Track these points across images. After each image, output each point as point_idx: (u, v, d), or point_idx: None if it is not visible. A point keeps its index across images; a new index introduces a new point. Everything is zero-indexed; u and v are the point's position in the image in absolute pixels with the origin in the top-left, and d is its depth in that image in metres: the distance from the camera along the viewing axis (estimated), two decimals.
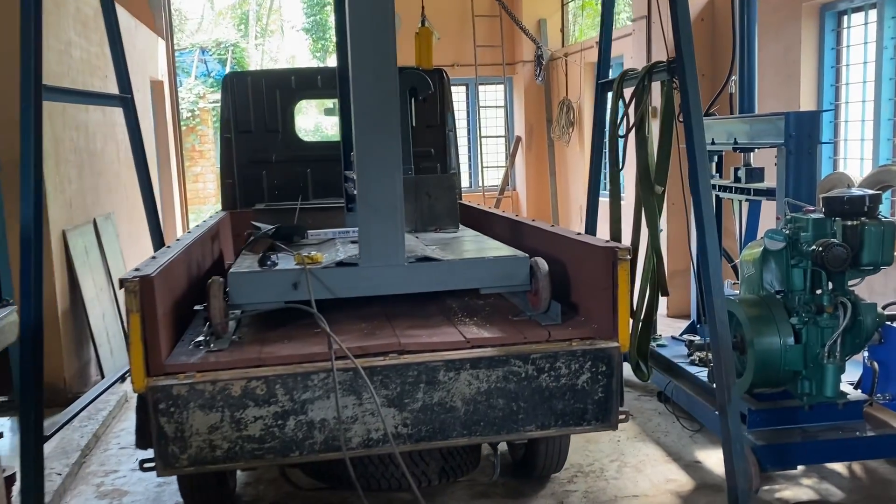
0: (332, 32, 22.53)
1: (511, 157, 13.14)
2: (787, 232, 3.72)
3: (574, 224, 11.89)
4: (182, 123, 26.09)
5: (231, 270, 3.17)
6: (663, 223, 5.50)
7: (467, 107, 13.40)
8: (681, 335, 5.46)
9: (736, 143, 4.71)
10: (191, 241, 3.78)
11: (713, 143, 5.03)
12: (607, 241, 3.16)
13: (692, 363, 4.73)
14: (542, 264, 3.25)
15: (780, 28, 6.28)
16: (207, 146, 21.44)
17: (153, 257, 3.18)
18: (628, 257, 2.96)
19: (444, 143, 6.19)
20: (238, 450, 2.80)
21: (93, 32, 6.94)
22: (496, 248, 3.56)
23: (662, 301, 7.99)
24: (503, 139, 13.28)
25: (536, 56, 11.11)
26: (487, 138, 13.29)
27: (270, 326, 3.28)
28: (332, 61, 22.99)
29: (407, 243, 3.62)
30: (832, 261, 3.41)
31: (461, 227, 4.62)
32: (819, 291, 3.62)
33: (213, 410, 2.76)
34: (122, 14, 8.83)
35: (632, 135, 3.99)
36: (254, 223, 4.06)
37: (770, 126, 4.31)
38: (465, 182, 13.72)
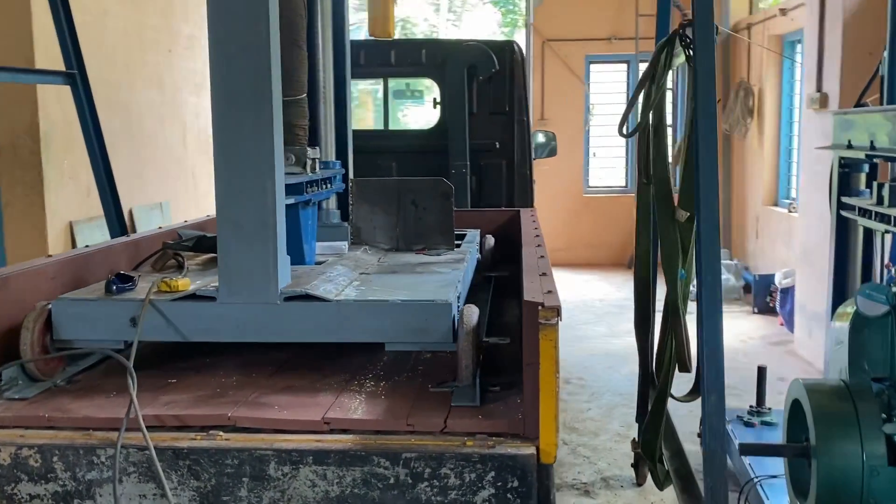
0: (521, 5, 22.12)
1: (678, 152, 11.89)
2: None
3: (749, 240, 10.53)
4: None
5: (61, 296, 2.75)
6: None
7: (627, 89, 12.35)
8: None
9: (872, 147, 3.58)
10: (99, 247, 3.44)
11: (849, 146, 3.90)
12: (548, 291, 2.35)
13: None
14: (469, 317, 2.51)
15: None
16: None
17: None
18: (554, 321, 2.16)
19: (512, 135, 5.46)
20: None
21: (149, 3, 6.97)
22: (426, 289, 2.85)
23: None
24: (670, 130, 12.08)
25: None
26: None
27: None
28: (519, 37, 22.72)
29: (318, 271, 3.02)
30: None
31: (469, 245, 3.91)
32: None
33: None
34: None
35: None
36: (179, 231, 3.64)
37: None
38: (620, 181, 12.69)
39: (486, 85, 5.46)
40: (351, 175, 3.92)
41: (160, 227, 4.13)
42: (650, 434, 2.86)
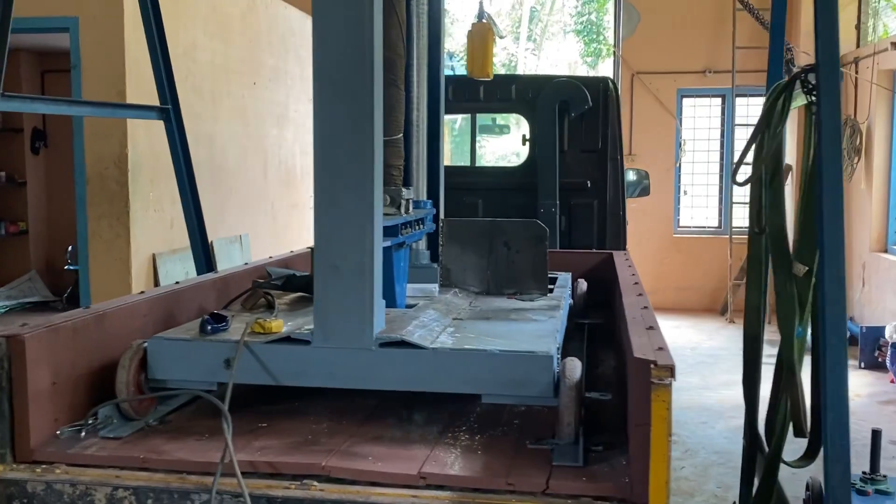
0: (607, 34, 22.18)
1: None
2: None
3: (855, 288, 10.19)
4: None
5: (156, 335, 2.86)
6: None
7: (722, 124, 12.21)
8: None
9: None
10: (186, 285, 3.56)
11: None
12: (659, 348, 2.33)
13: None
14: (572, 370, 2.51)
15: None
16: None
17: (87, 307, 2.98)
18: (667, 381, 2.13)
19: (605, 174, 5.45)
20: None
21: (237, 35, 7.24)
22: (524, 338, 2.85)
23: None
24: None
25: (784, 61, 9.70)
26: (746, 166, 11.89)
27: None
28: (604, 67, 22.67)
29: (410, 315, 3.06)
30: None
31: (561, 290, 3.91)
32: None
33: None
34: (291, 10, 9.21)
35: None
36: (268, 269, 3.74)
37: None
38: (713, 221, 12.47)
39: (579, 122, 5.48)
40: (442, 215, 3.98)
41: (246, 264, 4.26)
42: (764, 501, 2.79)
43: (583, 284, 4.49)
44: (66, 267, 11.29)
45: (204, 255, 4.46)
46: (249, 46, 7.59)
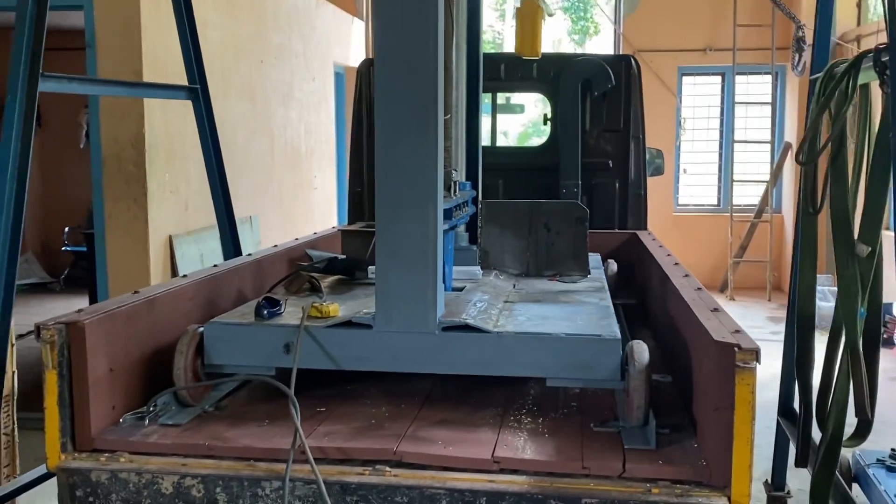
0: (594, 11, 21.90)
1: (776, 169, 11.68)
2: None
3: None
4: None
5: (213, 320, 2.82)
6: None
7: (721, 103, 12.22)
8: None
9: None
10: (225, 268, 3.52)
11: None
12: (736, 331, 2.32)
13: None
14: (641, 353, 2.49)
15: None
16: None
17: (136, 292, 2.93)
18: (752, 364, 2.12)
19: (626, 153, 5.42)
20: None
21: (245, 12, 7.13)
22: (584, 321, 2.83)
23: None
24: (767, 146, 11.85)
25: (796, 38, 9.71)
26: (745, 144, 11.94)
27: (275, 395, 2.88)
28: (591, 45, 22.37)
29: (463, 298, 3.03)
30: None
31: (599, 273, 3.90)
32: None
33: None
34: None
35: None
36: (308, 252, 3.70)
37: None
38: (712, 199, 12.50)
39: (600, 101, 5.44)
40: (480, 197, 3.94)
41: (275, 246, 4.21)
42: (824, 482, 2.80)
43: (613, 265, 4.48)
44: (63, 248, 11.16)
45: (232, 237, 4.41)
46: (256, 23, 7.48)
